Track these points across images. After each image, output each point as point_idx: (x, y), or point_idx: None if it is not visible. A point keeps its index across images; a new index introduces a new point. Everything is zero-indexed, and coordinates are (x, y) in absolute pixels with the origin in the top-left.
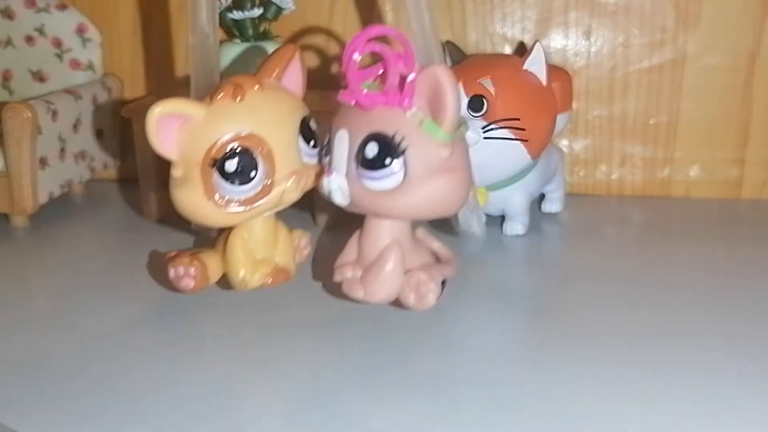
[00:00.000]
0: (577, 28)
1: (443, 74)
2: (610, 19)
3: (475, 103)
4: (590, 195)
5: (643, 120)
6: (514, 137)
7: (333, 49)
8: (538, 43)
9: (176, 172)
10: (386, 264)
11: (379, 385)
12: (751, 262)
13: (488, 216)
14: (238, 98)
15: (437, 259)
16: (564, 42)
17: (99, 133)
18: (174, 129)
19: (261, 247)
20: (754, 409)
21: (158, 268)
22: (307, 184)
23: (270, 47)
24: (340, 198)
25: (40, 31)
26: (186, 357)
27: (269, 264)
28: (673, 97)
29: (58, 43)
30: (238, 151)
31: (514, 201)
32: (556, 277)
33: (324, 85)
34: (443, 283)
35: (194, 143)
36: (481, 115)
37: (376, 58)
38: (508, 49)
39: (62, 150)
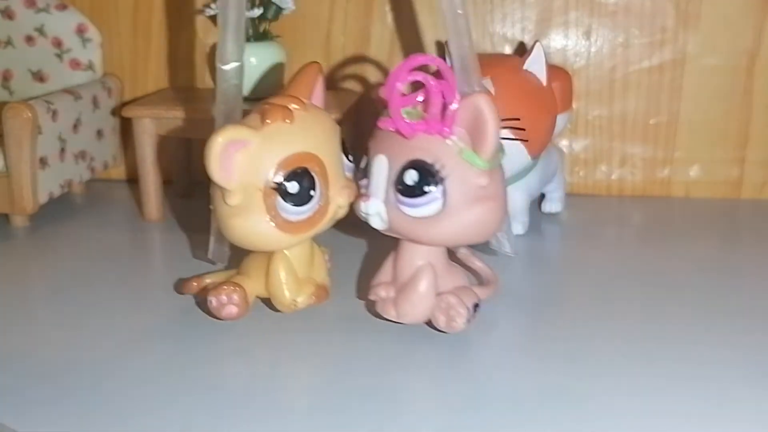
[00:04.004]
0: (577, 28)
1: (485, 104)
2: (610, 19)
3: None
4: (590, 195)
5: (643, 120)
6: (514, 137)
7: (333, 52)
8: (538, 43)
9: (232, 200)
10: (418, 286)
11: (373, 382)
12: (750, 262)
13: None
14: (288, 120)
15: (478, 278)
16: (564, 42)
17: (99, 133)
18: (232, 156)
19: (301, 266)
20: (754, 408)
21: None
22: (352, 197)
23: (270, 47)
24: (378, 223)
25: (40, 31)
26: (190, 357)
27: (311, 283)
28: (673, 97)
29: (58, 43)
30: (298, 172)
31: (514, 201)
32: (556, 277)
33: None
34: (476, 306)
35: (254, 168)
36: None
37: (416, 85)
38: (508, 49)
39: (62, 150)
